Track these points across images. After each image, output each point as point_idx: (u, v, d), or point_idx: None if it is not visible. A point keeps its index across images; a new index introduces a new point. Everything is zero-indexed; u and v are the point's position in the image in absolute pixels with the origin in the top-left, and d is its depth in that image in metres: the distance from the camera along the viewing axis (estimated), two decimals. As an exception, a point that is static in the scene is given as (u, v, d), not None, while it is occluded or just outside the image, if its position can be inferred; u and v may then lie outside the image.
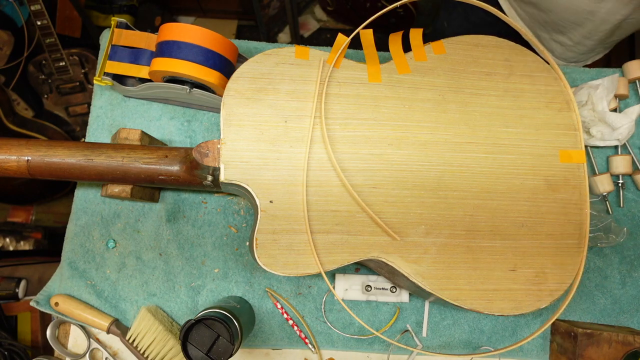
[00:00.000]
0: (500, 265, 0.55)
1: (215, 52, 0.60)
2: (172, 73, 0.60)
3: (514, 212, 0.56)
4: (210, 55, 0.60)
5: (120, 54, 0.65)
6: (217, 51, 0.60)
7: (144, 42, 0.65)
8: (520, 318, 0.66)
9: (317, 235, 0.53)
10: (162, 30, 0.61)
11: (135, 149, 0.57)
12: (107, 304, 0.64)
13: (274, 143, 0.55)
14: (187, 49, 0.59)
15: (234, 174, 0.54)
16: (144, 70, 0.64)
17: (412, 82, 0.59)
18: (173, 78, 0.62)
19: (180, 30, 0.59)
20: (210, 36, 0.59)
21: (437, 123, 0.58)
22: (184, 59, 0.59)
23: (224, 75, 0.61)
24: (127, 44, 0.65)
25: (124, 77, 0.67)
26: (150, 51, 0.65)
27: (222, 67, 0.61)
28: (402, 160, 0.56)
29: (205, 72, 0.59)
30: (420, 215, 0.55)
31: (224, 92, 0.56)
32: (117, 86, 0.66)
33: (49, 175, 0.57)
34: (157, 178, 0.57)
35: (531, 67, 0.61)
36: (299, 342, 0.64)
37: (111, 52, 0.64)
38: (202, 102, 0.67)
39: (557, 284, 0.55)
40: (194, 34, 0.59)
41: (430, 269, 0.54)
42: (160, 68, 0.60)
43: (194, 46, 0.59)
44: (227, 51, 0.61)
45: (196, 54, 0.59)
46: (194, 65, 0.59)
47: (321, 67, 0.57)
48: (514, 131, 0.58)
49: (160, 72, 0.60)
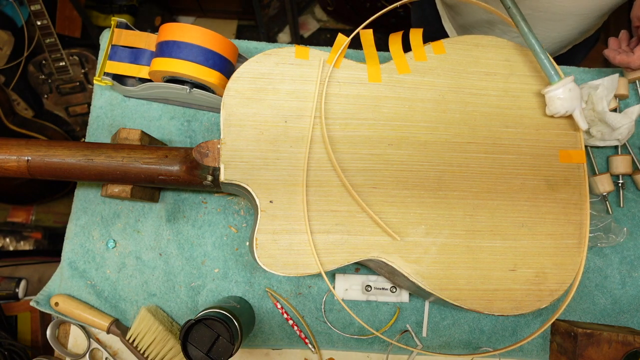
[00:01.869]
0: (500, 265, 0.55)
1: (215, 52, 0.60)
2: (172, 73, 0.60)
3: (514, 212, 0.56)
4: (210, 55, 0.60)
5: (120, 54, 0.65)
6: (217, 51, 0.60)
7: (144, 42, 0.65)
8: (520, 318, 0.66)
9: (317, 235, 0.53)
10: (162, 30, 0.61)
11: (135, 149, 0.57)
12: (107, 304, 0.64)
13: (274, 143, 0.55)
14: (187, 49, 0.59)
15: (234, 174, 0.54)
16: (144, 70, 0.64)
17: (412, 82, 0.59)
18: (173, 78, 0.62)
19: (180, 30, 0.59)
20: (210, 36, 0.59)
21: (437, 123, 0.58)
22: (184, 59, 0.59)
23: (224, 75, 0.61)
24: (127, 44, 0.65)
25: (124, 77, 0.67)
26: (150, 51, 0.65)
27: (222, 67, 0.61)
28: (402, 160, 0.56)
29: (205, 72, 0.59)
30: (420, 215, 0.55)
31: (224, 92, 0.56)
32: (117, 86, 0.66)
33: (49, 176, 0.57)
34: (157, 178, 0.57)
35: (531, 67, 0.61)
36: (299, 342, 0.64)
37: (111, 52, 0.64)
38: (202, 102, 0.67)
39: (557, 284, 0.55)
40: (194, 34, 0.59)
41: (430, 269, 0.54)
42: (160, 68, 0.60)
43: (194, 46, 0.59)
44: (227, 51, 0.61)
45: (196, 54, 0.59)
46: (194, 65, 0.59)
47: (321, 67, 0.57)
48: (514, 131, 0.58)
49: (160, 72, 0.60)
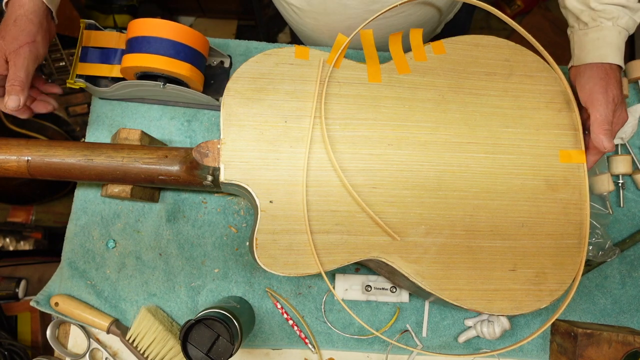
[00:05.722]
0: (500, 265, 0.55)
1: (186, 44, 0.60)
2: (143, 68, 0.59)
3: (514, 212, 0.56)
4: (180, 48, 0.59)
5: (90, 55, 0.65)
6: (187, 44, 0.60)
7: (114, 41, 0.65)
8: (520, 318, 0.66)
9: (317, 235, 0.53)
10: (131, 26, 0.60)
11: (135, 149, 0.57)
12: (107, 304, 0.64)
13: (274, 143, 0.55)
14: (156, 43, 0.59)
15: (234, 174, 0.54)
16: (115, 69, 0.64)
17: (412, 82, 0.59)
18: (146, 74, 0.62)
19: (149, 25, 0.59)
20: (179, 29, 0.59)
21: (437, 123, 0.58)
22: (155, 53, 0.59)
23: (195, 68, 0.61)
24: (98, 45, 0.65)
25: (97, 78, 0.66)
26: (121, 50, 0.65)
27: (193, 60, 0.61)
28: (402, 160, 0.56)
29: (176, 65, 0.59)
30: (420, 215, 0.55)
31: (224, 92, 0.56)
32: (90, 88, 0.65)
33: (49, 176, 0.57)
34: (157, 178, 0.57)
35: (531, 67, 0.61)
36: (299, 342, 0.64)
37: (82, 53, 0.64)
38: (177, 97, 0.66)
39: (557, 284, 0.55)
40: (163, 28, 0.59)
41: (430, 269, 0.54)
42: (131, 64, 0.59)
43: (163, 40, 0.59)
44: (198, 44, 0.61)
45: (166, 48, 0.59)
46: (164, 59, 0.59)
47: (321, 67, 0.57)
48: (514, 131, 0.58)
49: (132, 68, 0.60)
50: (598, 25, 0.56)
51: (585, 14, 0.57)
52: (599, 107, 0.55)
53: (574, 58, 0.60)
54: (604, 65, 0.56)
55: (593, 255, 0.63)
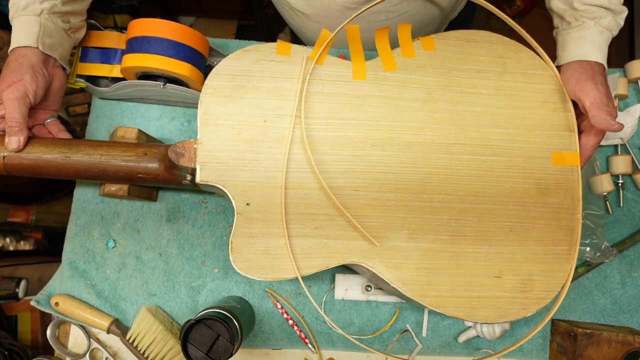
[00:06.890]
0: (485, 271, 0.53)
1: (186, 44, 0.60)
2: (143, 68, 0.59)
3: (502, 216, 0.54)
4: (180, 48, 0.59)
5: (91, 55, 0.65)
6: (187, 44, 0.60)
7: (114, 41, 0.65)
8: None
9: (295, 239, 0.51)
10: (131, 26, 0.60)
11: (113, 147, 0.56)
12: (107, 304, 0.64)
13: (253, 143, 0.53)
14: (157, 43, 0.59)
15: (210, 175, 0.52)
16: (115, 69, 0.64)
17: (398, 79, 0.56)
18: (146, 74, 0.62)
19: (148, 25, 0.59)
20: (179, 29, 0.59)
21: (424, 123, 0.55)
22: (155, 53, 0.59)
23: (196, 68, 0.61)
24: (98, 45, 0.65)
25: (97, 78, 0.66)
26: (121, 50, 0.65)
27: (193, 59, 0.61)
28: (385, 162, 0.54)
29: (176, 65, 0.59)
30: (403, 219, 0.53)
31: (202, 90, 0.54)
32: (90, 88, 0.65)
33: (26, 173, 0.55)
34: (136, 176, 0.56)
35: (526, 64, 0.58)
36: (299, 342, 0.64)
37: (82, 54, 0.64)
38: (177, 97, 0.66)
39: (545, 292, 0.53)
40: (163, 28, 0.59)
41: (412, 275, 0.52)
42: (131, 64, 0.59)
43: (163, 40, 0.59)
44: (198, 44, 0.61)
45: (167, 48, 0.59)
46: (164, 59, 0.59)
47: (304, 64, 0.55)
48: (505, 132, 0.56)
49: (132, 68, 0.60)
50: (580, 25, 0.56)
51: (569, 14, 0.57)
52: (589, 92, 0.53)
53: (558, 58, 0.59)
54: (588, 62, 0.56)
55: (590, 256, 0.63)
